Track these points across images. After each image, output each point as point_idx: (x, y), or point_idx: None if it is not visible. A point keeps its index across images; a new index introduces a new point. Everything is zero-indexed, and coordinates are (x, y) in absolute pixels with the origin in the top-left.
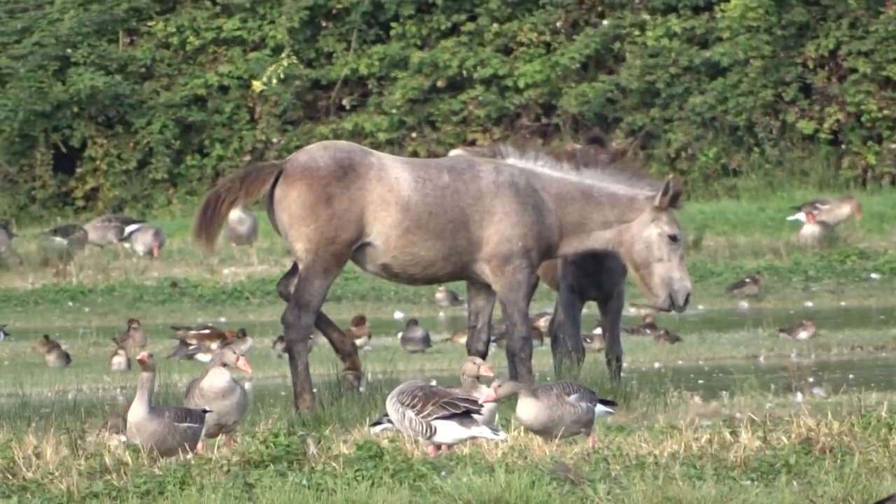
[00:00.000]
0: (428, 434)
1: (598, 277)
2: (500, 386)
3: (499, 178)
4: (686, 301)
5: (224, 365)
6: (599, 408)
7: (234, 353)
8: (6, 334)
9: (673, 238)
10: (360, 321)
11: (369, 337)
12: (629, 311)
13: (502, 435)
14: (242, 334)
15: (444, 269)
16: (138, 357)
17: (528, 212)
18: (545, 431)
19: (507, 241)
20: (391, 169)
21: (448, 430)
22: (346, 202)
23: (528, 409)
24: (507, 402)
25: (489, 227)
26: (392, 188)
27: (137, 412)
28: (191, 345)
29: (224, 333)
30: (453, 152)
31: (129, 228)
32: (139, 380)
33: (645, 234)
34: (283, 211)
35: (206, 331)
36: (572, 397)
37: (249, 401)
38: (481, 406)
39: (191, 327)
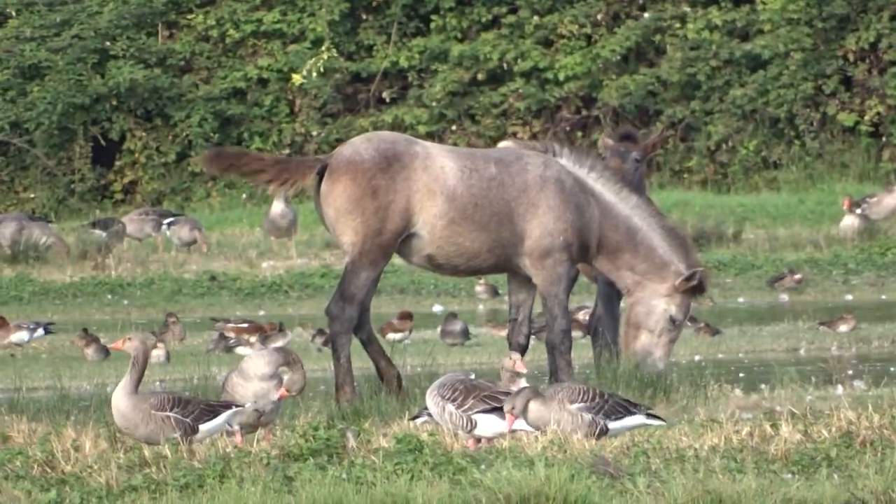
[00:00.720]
0: (469, 427)
1: None
2: (513, 408)
3: (546, 173)
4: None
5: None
6: (634, 420)
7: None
8: (48, 331)
9: (673, 321)
10: (405, 316)
11: (409, 331)
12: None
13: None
14: (280, 328)
15: (488, 261)
16: (116, 344)
17: (571, 209)
18: (543, 427)
19: (549, 234)
20: (437, 158)
21: (488, 424)
22: (391, 193)
23: (532, 410)
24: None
25: (532, 220)
26: (438, 178)
27: (116, 394)
28: (230, 338)
29: (263, 327)
30: (502, 144)
31: (166, 221)
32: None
33: (653, 302)
34: (329, 205)
35: (245, 324)
36: (574, 406)
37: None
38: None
39: (230, 319)
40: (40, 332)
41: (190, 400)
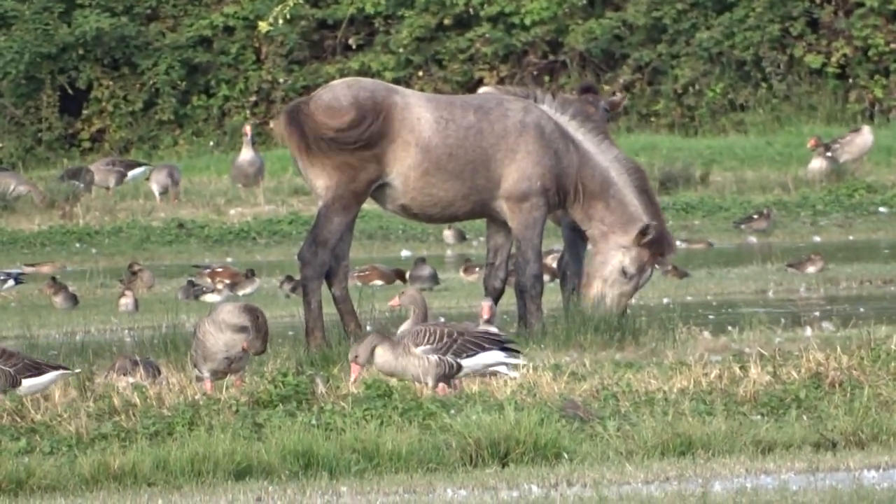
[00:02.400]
0: (453, 371)
1: None
2: (357, 356)
3: (526, 118)
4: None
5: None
6: (491, 356)
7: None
8: (19, 282)
9: (624, 272)
10: (397, 276)
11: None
12: None
13: (515, 373)
14: (251, 274)
15: (464, 208)
16: None
17: (550, 154)
18: (396, 377)
19: (526, 178)
20: (414, 108)
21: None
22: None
23: (377, 355)
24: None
25: (510, 164)
26: (413, 129)
27: None
28: (199, 285)
29: (238, 272)
30: (482, 89)
31: (131, 172)
32: None
33: (611, 253)
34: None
35: (220, 269)
36: (419, 349)
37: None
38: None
39: (209, 266)
40: (10, 283)
41: (14, 353)
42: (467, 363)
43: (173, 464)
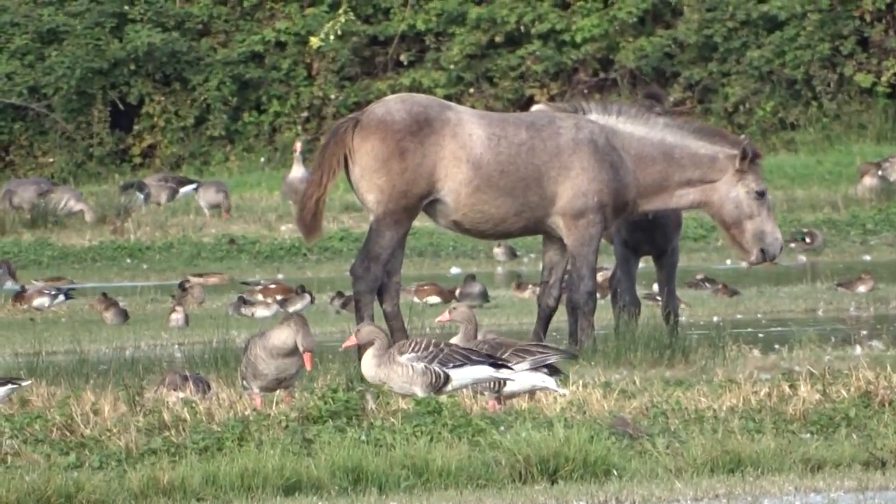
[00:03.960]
0: (496, 387)
1: (650, 233)
2: (359, 331)
3: (578, 135)
4: (779, 252)
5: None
6: (479, 370)
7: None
8: (68, 297)
9: (760, 194)
10: (445, 296)
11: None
12: (700, 264)
13: (564, 391)
14: (301, 291)
15: (516, 225)
16: None
17: (606, 168)
18: (382, 384)
19: (582, 195)
20: (466, 125)
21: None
22: (419, 157)
23: (363, 358)
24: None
25: (565, 181)
26: (465, 145)
27: None
28: (250, 301)
29: (291, 288)
30: (535, 107)
31: (183, 189)
32: None
33: (732, 195)
34: (355, 163)
35: (273, 285)
36: (404, 357)
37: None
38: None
39: (259, 282)
40: (61, 297)
41: None
42: (456, 374)
43: (223, 479)
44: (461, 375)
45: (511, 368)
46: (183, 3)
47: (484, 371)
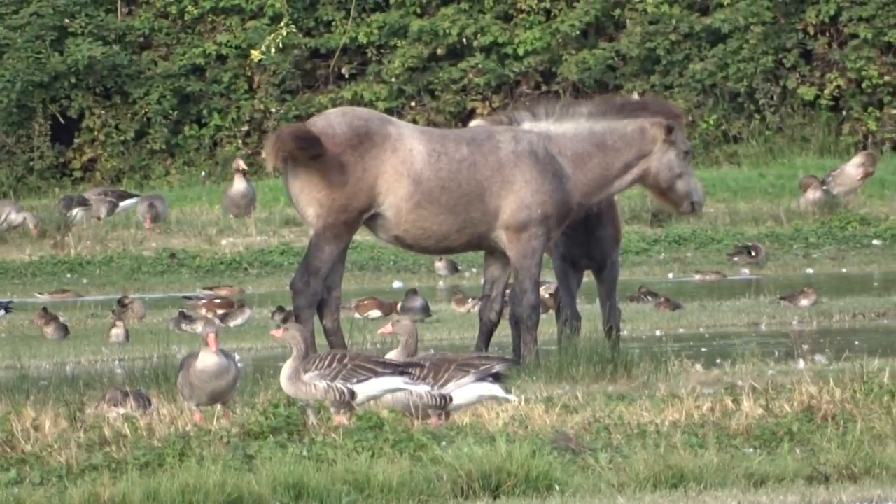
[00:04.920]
0: (443, 403)
1: (587, 247)
2: (287, 329)
3: (518, 147)
4: (704, 200)
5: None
6: (386, 382)
7: (208, 329)
8: (7, 311)
9: (687, 153)
10: (386, 310)
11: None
12: (642, 278)
13: (512, 397)
14: (241, 305)
15: (459, 241)
16: None
17: (549, 178)
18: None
19: (525, 207)
20: (407, 140)
21: (465, 392)
22: (359, 171)
23: (281, 374)
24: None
25: (508, 195)
26: (405, 160)
27: None
28: (190, 316)
29: (233, 302)
30: (473, 123)
31: (123, 203)
32: None
33: (665, 160)
34: (295, 176)
35: (218, 300)
36: (307, 375)
37: (241, 374)
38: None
39: (201, 297)
40: (1, 312)
41: None
42: (361, 388)
43: (164, 495)
44: (367, 389)
45: (416, 376)
46: (124, 17)
47: (392, 382)
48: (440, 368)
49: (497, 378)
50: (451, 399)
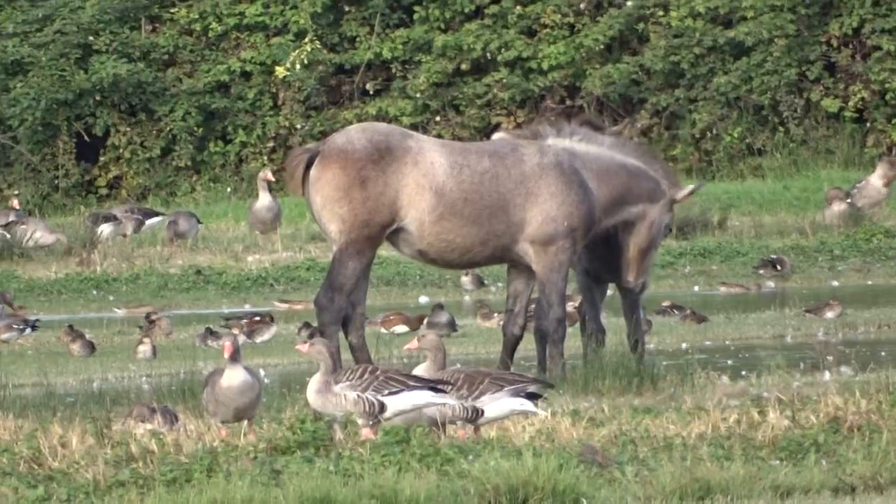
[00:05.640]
0: (474, 416)
1: (609, 262)
2: (312, 344)
3: (543, 160)
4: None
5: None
6: (418, 396)
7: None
8: (34, 328)
9: (669, 229)
10: (421, 321)
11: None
12: (668, 291)
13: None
14: (270, 320)
15: (483, 254)
16: None
17: (575, 191)
18: (319, 412)
19: (552, 220)
20: (428, 153)
21: (497, 406)
22: (380, 185)
23: (308, 387)
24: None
25: (533, 208)
26: (427, 173)
27: None
28: (217, 333)
29: (268, 318)
30: (496, 136)
31: (149, 221)
32: None
33: (659, 220)
34: (317, 192)
35: (258, 317)
36: (338, 386)
37: (267, 389)
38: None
39: (241, 316)
40: (28, 330)
41: None
42: (392, 401)
43: None
44: (398, 402)
45: (446, 392)
46: (148, 34)
47: (423, 397)
48: (475, 380)
49: (530, 396)
50: (482, 412)
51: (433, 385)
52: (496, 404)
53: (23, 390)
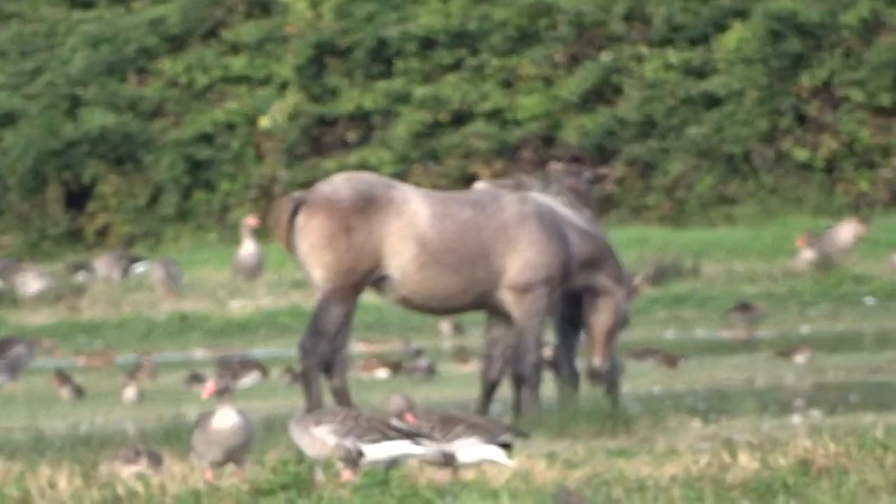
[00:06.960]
0: (447, 461)
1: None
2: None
3: (524, 209)
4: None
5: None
6: (398, 447)
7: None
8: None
9: (627, 320)
10: (392, 369)
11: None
12: (643, 335)
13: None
14: (250, 366)
15: (464, 300)
16: None
17: (554, 240)
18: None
19: (530, 268)
20: (411, 203)
21: (468, 453)
22: (364, 234)
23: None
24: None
25: (512, 255)
26: (410, 223)
27: None
28: (200, 378)
29: (258, 365)
30: (476, 185)
31: (135, 266)
32: None
33: (623, 304)
34: (303, 239)
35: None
36: (318, 429)
37: (255, 430)
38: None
39: (235, 359)
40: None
41: None
42: (371, 449)
43: None
44: (377, 451)
45: (425, 442)
46: (136, 86)
47: (401, 447)
48: (448, 424)
49: (503, 446)
50: (455, 458)
51: (410, 434)
52: (468, 451)
53: (12, 434)
